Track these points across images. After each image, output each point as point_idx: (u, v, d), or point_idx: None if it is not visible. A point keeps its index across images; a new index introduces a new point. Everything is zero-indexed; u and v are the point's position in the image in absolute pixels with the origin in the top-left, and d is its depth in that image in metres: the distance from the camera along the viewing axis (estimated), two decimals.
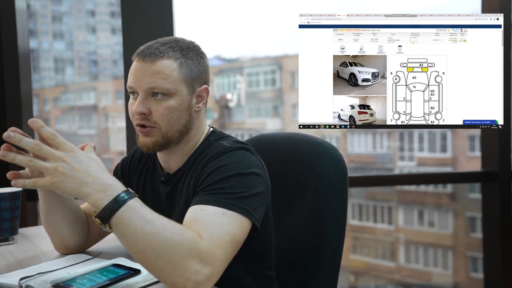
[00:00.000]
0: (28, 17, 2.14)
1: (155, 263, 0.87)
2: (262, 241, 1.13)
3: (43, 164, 0.86)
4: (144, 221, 0.87)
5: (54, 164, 0.86)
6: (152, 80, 1.07)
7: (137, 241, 0.86)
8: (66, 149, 0.88)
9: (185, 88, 1.10)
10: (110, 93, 25.50)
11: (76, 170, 0.86)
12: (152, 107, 1.08)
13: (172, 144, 1.12)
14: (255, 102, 21.03)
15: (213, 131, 1.19)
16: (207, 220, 0.93)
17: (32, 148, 0.85)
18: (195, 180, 1.08)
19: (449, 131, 15.44)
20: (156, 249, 0.86)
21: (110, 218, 0.86)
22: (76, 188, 0.86)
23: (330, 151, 1.27)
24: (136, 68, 1.09)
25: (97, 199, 0.87)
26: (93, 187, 0.87)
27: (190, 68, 1.11)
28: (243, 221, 0.96)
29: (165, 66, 1.08)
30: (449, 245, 15.70)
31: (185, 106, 1.10)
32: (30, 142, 0.85)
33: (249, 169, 1.03)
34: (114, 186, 0.89)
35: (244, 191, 0.99)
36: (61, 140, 0.88)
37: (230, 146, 1.07)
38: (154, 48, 1.09)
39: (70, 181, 0.86)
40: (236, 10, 38.15)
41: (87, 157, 0.90)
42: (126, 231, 0.87)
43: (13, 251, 1.24)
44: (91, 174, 0.87)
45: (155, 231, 0.87)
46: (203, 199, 0.98)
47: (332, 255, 1.23)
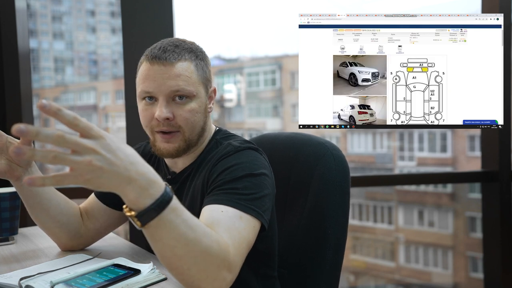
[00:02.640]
0: (28, 17, 2.14)
1: (189, 269, 0.82)
2: (266, 242, 1.13)
3: (73, 159, 0.69)
4: (187, 227, 0.80)
5: (87, 158, 0.69)
6: (175, 83, 1.04)
7: (177, 246, 0.79)
8: (94, 135, 0.71)
9: (203, 90, 1.10)
10: (110, 93, 25.50)
11: (114, 164, 0.71)
12: (175, 111, 1.06)
13: (192, 148, 1.11)
14: (255, 102, 21.04)
15: (218, 130, 1.19)
16: (229, 223, 0.92)
17: (55, 141, 0.68)
18: (203, 179, 1.07)
19: (449, 131, 15.45)
20: (195, 256, 0.81)
21: (152, 220, 0.76)
22: (116, 185, 0.73)
23: (332, 151, 1.27)
24: (154, 71, 1.05)
25: (139, 197, 0.74)
26: (135, 183, 0.73)
27: (203, 69, 1.11)
28: (255, 224, 0.96)
29: (185, 69, 1.06)
30: (449, 245, 15.70)
31: (204, 108, 1.10)
32: (52, 133, 0.68)
33: (260, 170, 1.03)
34: (158, 182, 0.76)
35: (256, 192, 0.99)
36: (86, 124, 0.71)
37: (240, 146, 1.07)
38: (170, 51, 1.06)
39: (108, 176, 0.71)
40: (236, 10, 38.12)
41: (119, 143, 0.74)
42: (167, 235, 0.78)
43: (13, 251, 1.24)
44: (131, 167, 0.73)
45: (197, 238, 0.81)
46: (218, 198, 0.97)
47: (333, 255, 1.23)
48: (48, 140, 0.68)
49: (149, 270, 1.03)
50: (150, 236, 0.79)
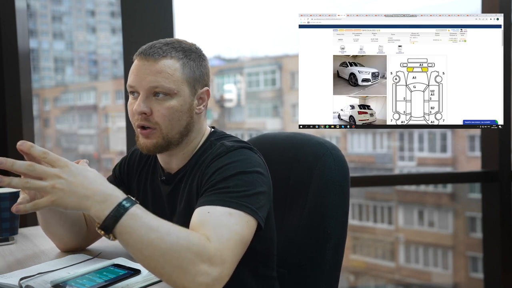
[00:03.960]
0: (28, 17, 2.14)
1: (163, 268, 0.86)
2: (264, 242, 1.13)
3: (40, 184, 0.84)
4: (147, 228, 0.86)
5: (51, 182, 0.84)
6: (154, 79, 1.06)
7: (143, 248, 0.85)
8: (60, 165, 0.86)
9: (187, 89, 1.09)
10: (110, 93, 25.50)
11: (74, 184, 0.85)
12: (154, 107, 1.07)
13: (173, 146, 1.11)
14: (255, 102, 21.03)
15: (214, 131, 1.19)
16: (215, 221, 0.93)
17: (26, 170, 0.84)
18: (198, 181, 1.08)
19: (449, 131, 15.44)
20: (162, 254, 0.85)
21: (113, 228, 0.85)
22: (77, 203, 0.85)
23: (332, 151, 1.27)
24: (138, 67, 1.08)
25: (98, 210, 0.85)
26: (93, 199, 0.86)
27: (192, 69, 1.10)
28: (249, 220, 0.96)
29: (168, 66, 1.07)
30: (449, 245, 15.70)
31: (187, 107, 1.10)
32: (23, 165, 0.84)
33: (252, 168, 1.03)
34: (114, 195, 0.87)
35: (248, 190, 0.99)
36: (53, 156, 0.87)
37: (233, 146, 1.07)
38: (156, 48, 1.08)
39: (69, 196, 0.85)
40: (236, 10, 38.13)
41: (82, 169, 0.88)
42: (131, 239, 0.86)
43: (13, 251, 1.24)
44: (89, 186, 0.86)
45: (160, 237, 0.86)
46: (208, 200, 0.97)
47: (333, 255, 1.23)
48: (20, 169, 0.84)
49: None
50: (121, 243, 0.88)
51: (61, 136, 25.74)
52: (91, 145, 24.61)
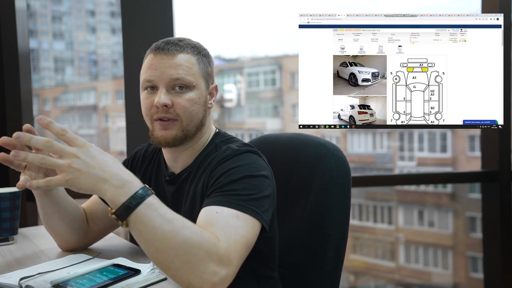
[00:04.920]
0: (28, 17, 2.14)
1: (173, 262, 0.85)
2: (267, 243, 1.13)
3: (56, 161, 0.82)
4: (163, 220, 0.84)
5: (68, 161, 0.82)
6: (176, 72, 1.09)
7: (156, 240, 0.84)
8: (78, 144, 0.85)
9: (203, 83, 1.13)
10: (110, 93, 25.51)
11: (91, 166, 0.83)
12: (174, 99, 1.09)
13: (189, 139, 1.13)
14: (255, 102, 21.04)
15: (218, 133, 1.20)
16: (223, 222, 0.93)
17: (43, 146, 0.83)
18: (203, 183, 1.08)
19: (449, 131, 15.45)
20: (174, 248, 0.84)
21: (128, 215, 0.84)
22: (93, 185, 0.83)
23: (333, 152, 1.27)
24: (157, 61, 1.10)
25: (115, 195, 0.83)
26: (110, 183, 0.83)
27: (205, 65, 1.14)
28: (255, 223, 0.97)
29: (186, 60, 1.10)
30: (449, 245, 15.70)
31: (203, 100, 1.13)
32: (41, 140, 0.83)
33: (259, 172, 1.04)
34: (132, 182, 0.85)
35: (255, 193, 0.99)
36: (71, 135, 0.85)
37: (239, 149, 1.08)
38: (173, 44, 1.11)
39: (85, 177, 0.83)
40: (236, 10, 38.14)
41: (100, 151, 0.86)
42: (144, 229, 0.84)
43: (13, 251, 1.24)
44: (107, 169, 0.84)
45: (174, 230, 0.85)
46: (215, 200, 0.98)
47: (334, 255, 1.23)
48: (38, 144, 0.83)
49: (149, 270, 1.03)
50: (133, 233, 0.85)
51: None
52: None
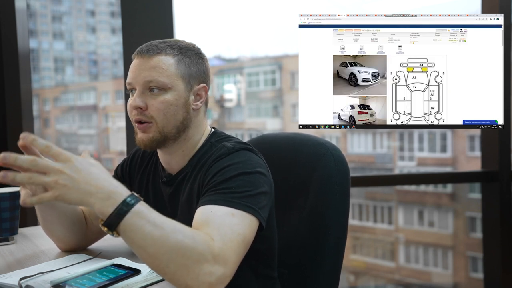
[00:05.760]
0: (28, 17, 2.14)
1: (167, 267, 0.85)
2: (265, 242, 1.13)
3: (43, 179, 0.83)
4: (152, 226, 0.85)
5: (54, 178, 0.83)
6: (148, 74, 1.08)
7: (147, 246, 0.85)
8: (62, 159, 0.85)
9: (182, 84, 1.11)
10: (110, 93, 25.51)
11: (77, 181, 0.84)
12: (149, 101, 1.09)
13: (170, 141, 1.12)
14: (255, 102, 21.03)
15: (214, 132, 1.19)
16: (218, 221, 0.93)
17: (29, 165, 0.83)
18: (199, 182, 1.08)
19: (449, 131, 15.44)
20: (167, 252, 0.85)
21: (117, 225, 0.85)
22: (80, 199, 0.85)
23: (332, 151, 1.27)
24: (135, 64, 1.11)
25: (102, 207, 0.85)
26: (96, 196, 0.85)
27: (187, 65, 1.12)
28: (251, 220, 0.97)
29: (162, 61, 1.09)
30: (449, 245, 15.70)
31: (182, 102, 1.11)
32: (26, 160, 0.83)
33: (254, 169, 1.03)
34: (118, 192, 0.86)
35: (250, 190, 0.99)
36: (56, 150, 0.85)
37: (234, 147, 1.08)
38: (152, 45, 1.11)
39: (72, 192, 0.84)
40: (236, 10, 38.13)
41: (86, 163, 0.87)
42: (135, 237, 0.85)
43: (13, 251, 1.24)
44: (92, 183, 0.85)
45: (165, 234, 0.85)
46: (210, 199, 0.98)
47: (333, 255, 1.23)
48: (24, 164, 0.83)
49: (149, 270, 1.03)
50: (125, 241, 0.87)
51: (61, 136, 25.74)
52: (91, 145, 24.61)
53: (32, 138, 0.85)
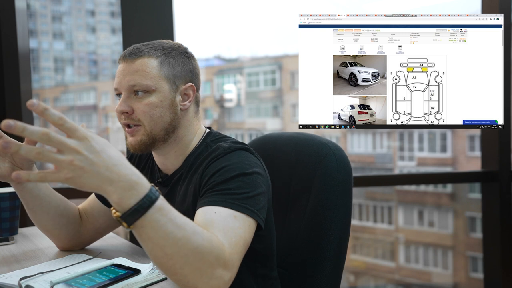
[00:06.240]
0: (28, 17, 2.14)
1: (181, 268, 0.81)
2: (263, 241, 1.13)
3: (56, 157, 0.71)
4: (174, 226, 0.79)
5: (69, 157, 0.72)
6: (132, 78, 1.08)
7: (166, 246, 0.79)
8: (78, 136, 0.73)
9: (166, 85, 1.10)
10: (109, 93, 25.51)
11: (96, 164, 0.73)
12: (134, 105, 1.09)
13: (159, 143, 1.11)
14: (255, 102, 21.05)
15: (209, 132, 1.18)
16: (223, 223, 0.92)
17: (40, 138, 0.70)
18: (195, 183, 1.07)
19: (449, 131, 15.45)
20: (186, 255, 0.80)
21: (136, 220, 0.77)
22: (97, 185, 0.74)
23: (335, 151, 1.27)
24: (119, 69, 1.11)
25: (122, 198, 0.75)
26: (117, 184, 0.75)
27: (172, 66, 1.11)
28: (251, 223, 0.96)
29: (145, 64, 1.09)
30: (449, 245, 15.71)
31: (168, 103, 1.10)
32: (37, 131, 0.70)
33: (252, 169, 1.03)
34: (140, 183, 0.77)
35: (249, 191, 0.99)
36: (71, 125, 0.73)
37: (230, 147, 1.07)
38: (135, 49, 1.11)
39: (89, 176, 0.73)
40: (236, 10, 38.12)
41: (105, 145, 0.76)
42: (154, 235, 0.78)
43: (13, 251, 1.24)
44: (114, 169, 0.75)
45: (186, 236, 0.80)
46: (211, 200, 0.97)
47: (335, 255, 1.23)
48: (33, 136, 0.70)
49: (149, 270, 1.03)
50: (139, 236, 0.80)
51: None
52: None
53: (43, 107, 0.72)
